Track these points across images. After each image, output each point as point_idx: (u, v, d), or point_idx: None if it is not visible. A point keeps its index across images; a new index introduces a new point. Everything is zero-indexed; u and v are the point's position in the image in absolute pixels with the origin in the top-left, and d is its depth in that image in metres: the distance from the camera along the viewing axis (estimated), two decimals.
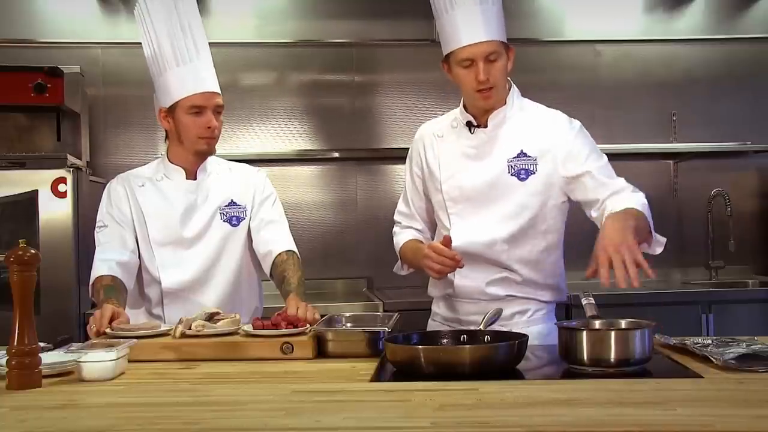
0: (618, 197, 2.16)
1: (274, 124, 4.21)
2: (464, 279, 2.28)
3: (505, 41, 2.21)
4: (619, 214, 2.03)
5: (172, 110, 2.39)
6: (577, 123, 2.30)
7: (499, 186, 2.25)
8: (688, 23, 4.33)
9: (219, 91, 2.41)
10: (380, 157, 4.19)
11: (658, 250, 2.13)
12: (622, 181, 2.23)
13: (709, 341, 1.90)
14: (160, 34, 2.38)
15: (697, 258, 4.26)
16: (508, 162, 2.24)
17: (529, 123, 2.28)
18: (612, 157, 4.14)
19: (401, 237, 2.46)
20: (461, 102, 2.33)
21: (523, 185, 2.23)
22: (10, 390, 1.68)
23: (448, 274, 2.23)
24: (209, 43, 2.43)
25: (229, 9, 4.14)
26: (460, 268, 2.17)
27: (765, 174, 4.36)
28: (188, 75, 2.36)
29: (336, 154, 4.18)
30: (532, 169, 2.23)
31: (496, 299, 2.26)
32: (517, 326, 2.20)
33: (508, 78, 2.29)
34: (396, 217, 2.51)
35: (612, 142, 4.16)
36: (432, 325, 2.44)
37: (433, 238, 2.44)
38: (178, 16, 2.38)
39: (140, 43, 2.45)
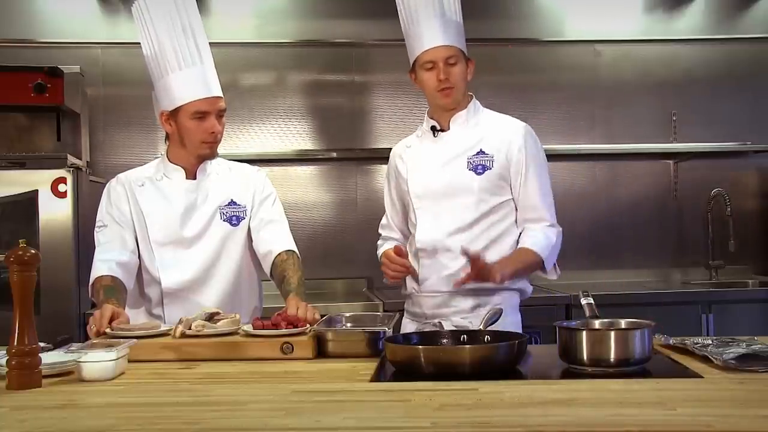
0: (530, 231, 2.44)
1: (274, 124, 4.20)
2: (428, 273, 2.45)
3: (464, 51, 2.45)
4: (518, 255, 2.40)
5: (174, 114, 2.38)
6: (531, 130, 2.51)
7: (459, 180, 2.45)
8: (688, 23, 4.33)
9: (222, 94, 2.40)
10: (380, 157, 4.16)
11: (553, 277, 2.50)
12: (545, 212, 2.47)
13: (709, 341, 1.90)
14: (160, 34, 2.36)
15: (697, 258, 4.26)
16: (467, 159, 2.45)
17: (488, 126, 2.51)
18: (612, 157, 4.25)
19: (382, 249, 2.62)
20: (426, 112, 2.55)
21: (479, 179, 2.44)
22: (10, 390, 1.68)
23: (417, 270, 2.45)
24: (209, 44, 2.42)
25: (229, 9, 4.14)
26: (410, 274, 2.44)
27: (765, 174, 4.36)
28: (192, 79, 2.35)
29: (336, 154, 4.18)
30: (488, 165, 2.44)
31: (459, 292, 2.40)
32: (478, 318, 2.22)
33: (471, 93, 2.53)
34: (379, 230, 2.71)
35: (612, 142, 4.18)
36: (405, 322, 2.58)
37: None
38: (178, 16, 2.36)
39: (140, 43, 2.43)
